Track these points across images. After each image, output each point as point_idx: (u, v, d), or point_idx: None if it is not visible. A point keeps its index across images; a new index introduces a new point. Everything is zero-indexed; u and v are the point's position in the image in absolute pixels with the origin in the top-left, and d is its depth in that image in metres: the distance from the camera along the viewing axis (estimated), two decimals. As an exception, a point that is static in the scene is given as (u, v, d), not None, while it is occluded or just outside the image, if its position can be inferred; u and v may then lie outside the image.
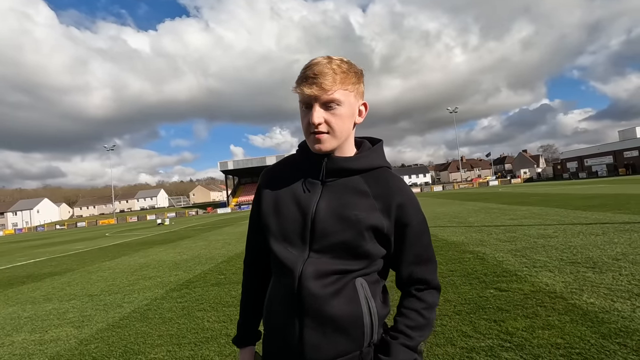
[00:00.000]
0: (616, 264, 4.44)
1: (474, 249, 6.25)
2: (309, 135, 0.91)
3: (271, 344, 0.96)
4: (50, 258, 12.54)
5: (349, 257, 0.89)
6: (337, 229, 0.89)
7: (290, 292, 0.88)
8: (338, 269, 0.88)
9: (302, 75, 0.88)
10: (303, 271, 0.87)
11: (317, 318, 0.86)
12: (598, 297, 3.37)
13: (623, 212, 9.22)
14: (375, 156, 0.98)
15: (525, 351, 2.52)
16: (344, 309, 0.87)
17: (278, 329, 0.92)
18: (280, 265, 0.92)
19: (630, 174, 53.48)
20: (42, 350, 3.56)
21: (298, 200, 0.93)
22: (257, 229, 1.04)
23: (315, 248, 0.89)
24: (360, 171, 0.94)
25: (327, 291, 0.86)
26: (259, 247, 1.06)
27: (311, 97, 0.87)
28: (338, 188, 0.93)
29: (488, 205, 15.89)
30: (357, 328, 0.87)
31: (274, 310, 0.94)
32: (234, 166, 72.19)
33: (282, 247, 0.92)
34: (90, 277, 7.60)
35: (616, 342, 2.51)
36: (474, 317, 3.23)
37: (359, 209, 0.89)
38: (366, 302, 0.89)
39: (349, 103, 0.90)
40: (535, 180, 72.83)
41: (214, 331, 3.57)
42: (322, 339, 0.86)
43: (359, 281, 0.90)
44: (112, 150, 72.67)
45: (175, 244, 12.90)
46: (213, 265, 7.39)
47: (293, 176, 0.98)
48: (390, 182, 0.94)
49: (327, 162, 0.93)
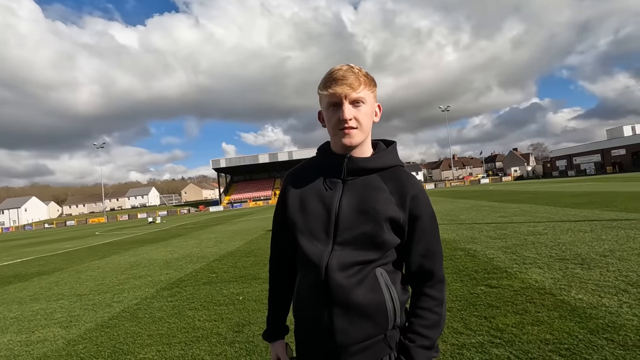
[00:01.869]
0: (604, 260, 4.51)
1: (465, 246, 6.30)
2: (338, 132, 1.00)
3: (303, 332, 1.05)
4: (37, 257, 12.33)
5: (369, 247, 0.97)
6: (358, 222, 0.98)
7: (318, 284, 0.97)
8: (359, 260, 0.97)
9: (330, 78, 0.99)
10: (329, 264, 0.96)
11: (344, 306, 0.95)
12: (586, 293, 3.42)
13: (610, 209, 9.39)
14: (390, 156, 1.08)
15: (515, 347, 2.54)
16: (368, 296, 0.95)
17: (309, 318, 1.01)
18: (307, 259, 1.00)
19: (617, 172, 54.46)
20: (29, 352, 3.49)
21: (322, 198, 1.03)
22: (283, 227, 1.12)
23: (338, 241, 0.98)
24: (377, 170, 1.04)
25: (352, 281, 0.95)
26: (284, 245, 1.14)
27: (341, 95, 0.97)
28: (358, 186, 1.03)
29: (479, 203, 16.05)
30: (381, 313, 0.96)
31: (304, 301, 1.03)
32: (226, 164, 71.65)
33: (309, 242, 1.01)
34: (79, 276, 7.49)
35: (603, 337, 2.55)
36: (465, 313, 3.25)
37: (377, 203, 0.99)
38: (387, 290, 0.98)
39: (371, 102, 1.03)
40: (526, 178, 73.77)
41: (204, 330, 3.54)
42: (350, 325, 0.95)
43: (378, 271, 0.99)
44: (101, 147, 71.64)
45: (166, 243, 12.78)
46: (204, 264, 7.33)
47: (315, 176, 1.07)
48: (404, 179, 1.04)
49: (348, 162, 1.03)
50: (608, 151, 60.85)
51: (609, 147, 61.20)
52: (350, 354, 0.96)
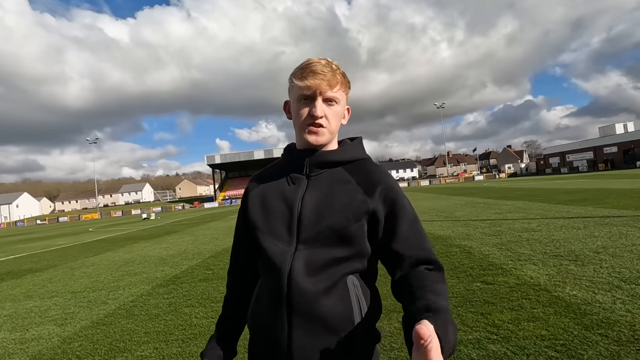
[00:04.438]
0: (597, 256, 4.57)
1: (461, 243, 6.35)
2: (305, 127, 0.93)
3: (258, 345, 0.93)
4: (30, 254, 12.19)
5: (335, 243, 0.88)
6: (323, 216, 0.89)
7: (279, 290, 0.85)
8: (327, 258, 0.87)
9: (307, 69, 0.91)
10: (292, 267, 0.86)
11: (306, 317, 0.83)
12: (580, 290, 3.46)
13: (603, 206, 9.50)
14: (355, 149, 1.01)
15: (512, 343, 2.57)
16: (335, 308, 0.84)
17: (265, 329, 0.90)
18: (269, 262, 0.90)
19: (609, 169, 55.15)
20: (23, 349, 3.46)
21: (284, 195, 0.96)
22: (243, 231, 1.03)
23: (302, 239, 0.89)
24: (342, 163, 0.98)
25: (318, 288, 0.84)
26: (244, 253, 1.04)
27: (317, 90, 0.90)
28: (322, 180, 0.96)
29: (474, 200, 16.16)
30: (347, 328, 0.84)
31: (261, 310, 0.92)
32: (221, 160, 71.32)
33: (270, 243, 0.92)
34: (73, 273, 7.42)
35: (598, 332, 2.58)
36: (462, 310, 3.28)
37: (343, 196, 0.92)
38: (357, 302, 0.86)
39: (343, 104, 0.97)
40: (519, 175, 74.42)
41: (202, 327, 3.53)
42: (310, 339, 0.83)
43: (350, 279, 0.88)
44: (94, 143, 70.89)
45: (161, 239, 12.71)
46: (200, 261, 7.31)
47: (278, 175, 1.01)
48: (372, 170, 0.97)
49: (311, 156, 0.97)
50: (600, 149, 61.56)
51: (601, 144, 61.92)
52: None
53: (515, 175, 73.07)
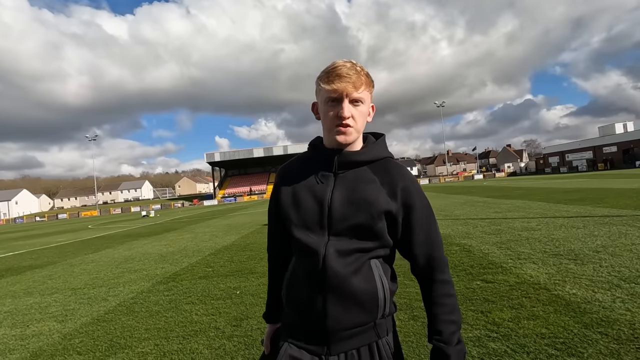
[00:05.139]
0: (597, 256, 4.58)
1: (461, 242, 6.36)
2: (334, 128, 1.01)
3: (293, 315, 1.06)
4: (30, 251, 12.19)
5: (363, 237, 1.00)
6: (351, 213, 1.00)
7: (314, 271, 0.99)
8: (355, 248, 1.00)
9: (333, 72, 0.98)
10: (327, 252, 0.98)
11: (339, 294, 0.97)
12: (580, 288, 3.47)
13: (602, 206, 9.52)
14: (379, 148, 1.10)
15: (512, 341, 2.58)
16: (362, 285, 0.98)
17: (301, 302, 1.03)
18: (304, 247, 1.02)
19: (609, 169, 55.20)
20: (24, 346, 3.46)
21: (314, 192, 1.04)
22: (277, 220, 1.15)
23: (333, 232, 1.00)
24: (367, 162, 1.06)
25: (348, 270, 0.98)
26: (279, 238, 1.17)
27: (343, 92, 0.98)
28: (349, 178, 1.04)
29: (473, 199, 16.18)
30: (373, 302, 0.99)
31: (297, 285, 1.05)
32: (220, 158, 71.19)
33: (304, 234, 1.02)
34: (73, 270, 7.43)
35: (598, 331, 2.59)
36: (462, 308, 3.29)
37: (369, 195, 1.01)
38: (380, 280, 1.01)
39: (368, 103, 1.05)
40: (519, 174, 74.47)
41: (202, 324, 3.53)
42: (342, 312, 0.97)
43: (373, 262, 1.02)
44: (94, 140, 70.74)
45: (161, 237, 12.71)
46: (200, 258, 7.31)
47: (307, 171, 1.09)
48: (394, 170, 1.06)
49: (339, 156, 1.04)
50: (600, 148, 61.56)
51: (600, 144, 61.89)
52: (340, 338, 0.99)
53: (515, 175, 73.09)
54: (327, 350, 1.00)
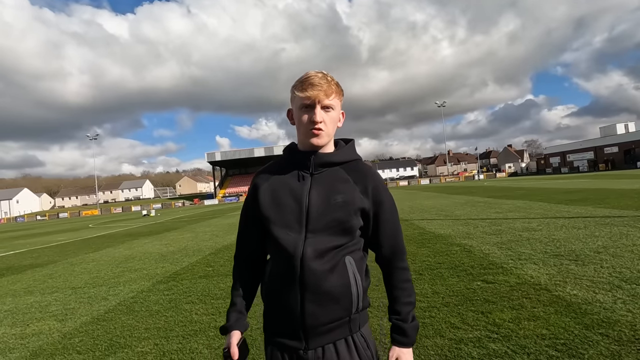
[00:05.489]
0: (597, 256, 4.57)
1: (461, 242, 6.35)
2: (308, 131, 1.10)
3: (274, 316, 1.13)
4: (31, 249, 12.21)
5: (339, 233, 1.08)
6: (328, 210, 1.08)
7: (293, 271, 1.05)
8: (331, 245, 1.06)
9: (306, 82, 1.08)
10: (304, 252, 1.04)
11: (315, 291, 1.04)
12: (581, 289, 3.46)
13: (603, 206, 9.50)
14: (350, 151, 1.20)
15: (512, 342, 2.57)
16: (337, 283, 1.05)
17: (280, 302, 1.09)
18: (282, 248, 1.07)
19: (610, 169, 55.11)
20: (24, 345, 3.47)
21: (293, 191, 1.12)
22: (252, 222, 1.19)
23: (310, 229, 1.07)
24: (341, 163, 1.16)
25: (324, 268, 1.04)
26: (252, 240, 1.21)
27: (316, 99, 1.08)
28: (324, 178, 1.13)
29: (474, 199, 16.16)
30: (347, 298, 1.06)
31: (276, 287, 1.10)
32: (221, 157, 71.27)
33: (284, 233, 1.08)
34: (74, 269, 7.44)
35: (599, 332, 2.58)
36: (462, 308, 3.28)
37: (344, 192, 1.10)
38: (354, 277, 1.08)
39: (337, 110, 1.15)
40: (520, 174, 74.38)
41: (202, 324, 3.53)
42: (319, 309, 1.04)
43: (347, 259, 1.09)
44: (94, 139, 70.83)
45: (161, 236, 12.72)
46: (200, 258, 7.32)
47: (284, 172, 1.17)
48: (365, 171, 1.17)
49: (315, 157, 1.13)
50: (601, 149, 61.47)
51: (602, 144, 61.81)
52: (317, 333, 1.06)
53: (516, 175, 73.01)
54: (306, 345, 1.06)
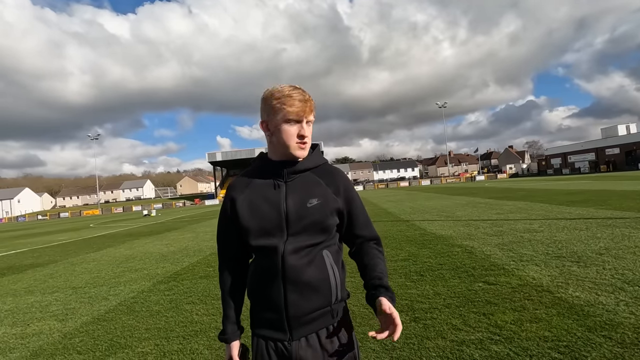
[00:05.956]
0: (600, 258, 4.55)
1: (462, 243, 6.33)
2: (294, 144, 1.17)
3: (260, 309, 1.19)
4: (31, 249, 12.22)
5: (317, 232, 1.16)
6: (306, 214, 1.15)
7: (275, 267, 1.13)
8: (310, 244, 1.15)
9: (294, 97, 1.14)
10: (285, 250, 1.13)
11: (296, 283, 1.12)
12: (583, 291, 3.45)
13: (605, 207, 9.47)
14: (318, 156, 1.28)
15: (514, 344, 2.55)
16: (316, 275, 1.14)
17: (264, 296, 1.16)
18: (265, 250, 1.15)
19: (611, 170, 55.00)
20: (24, 344, 3.46)
21: (269, 200, 1.18)
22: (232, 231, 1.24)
23: (291, 232, 1.15)
24: (311, 168, 1.24)
25: (303, 262, 1.13)
26: (233, 248, 1.26)
27: (303, 115, 1.16)
28: (298, 184, 1.20)
29: (475, 200, 16.13)
30: (326, 288, 1.15)
31: (261, 283, 1.17)
32: (222, 157, 71.31)
33: (266, 240, 1.15)
34: (74, 269, 7.43)
35: (601, 334, 2.57)
36: (464, 310, 3.26)
37: (319, 195, 1.18)
38: (331, 268, 1.16)
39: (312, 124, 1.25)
40: (521, 175, 74.24)
41: (203, 324, 3.52)
42: (301, 299, 1.12)
43: (324, 252, 1.17)
44: (96, 139, 70.95)
45: (162, 236, 12.72)
46: (201, 258, 7.31)
47: (259, 182, 1.22)
48: (334, 172, 1.26)
49: (287, 165, 1.20)
50: (602, 150, 61.37)
51: (603, 146, 61.71)
52: (300, 323, 1.13)
53: (517, 176, 72.89)
54: (290, 336, 1.13)
